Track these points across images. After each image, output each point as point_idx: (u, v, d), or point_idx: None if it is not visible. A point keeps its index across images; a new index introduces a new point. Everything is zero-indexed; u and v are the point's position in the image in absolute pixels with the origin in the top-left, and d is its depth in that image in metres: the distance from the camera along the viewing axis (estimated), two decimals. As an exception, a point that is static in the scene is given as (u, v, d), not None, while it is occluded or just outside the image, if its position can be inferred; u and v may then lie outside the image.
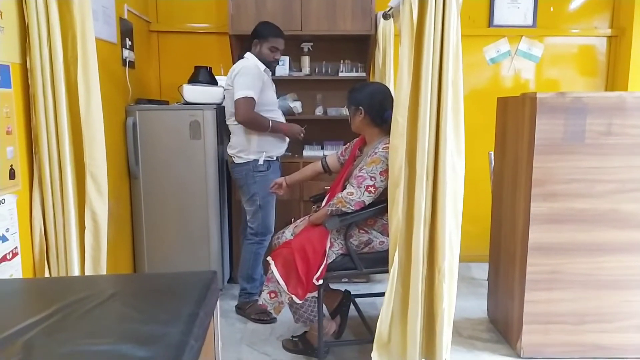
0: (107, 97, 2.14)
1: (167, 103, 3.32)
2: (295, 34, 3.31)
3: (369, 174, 2.21)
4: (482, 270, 3.49)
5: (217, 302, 1.50)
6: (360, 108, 2.35)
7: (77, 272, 2.06)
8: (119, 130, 2.92)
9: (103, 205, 2.09)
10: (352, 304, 2.65)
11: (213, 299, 1.44)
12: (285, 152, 3.00)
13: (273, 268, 2.20)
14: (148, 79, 3.53)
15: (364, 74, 3.53)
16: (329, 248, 2.24)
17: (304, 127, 2.98)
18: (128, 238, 3.09)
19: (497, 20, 3.71)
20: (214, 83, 3.18)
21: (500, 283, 2.71)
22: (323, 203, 2.49)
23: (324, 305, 2.48)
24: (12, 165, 1.91)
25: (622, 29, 3.71)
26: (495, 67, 3.79)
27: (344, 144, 2.71)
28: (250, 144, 2.80)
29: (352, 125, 2.44)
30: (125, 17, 3.05)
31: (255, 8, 3.23)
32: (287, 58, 3.51)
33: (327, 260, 2.21)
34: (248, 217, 2.92)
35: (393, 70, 3.01)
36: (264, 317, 2.86)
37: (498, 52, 3.76)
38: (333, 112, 3.59)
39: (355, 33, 3.33)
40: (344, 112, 2.51)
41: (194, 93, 3.06)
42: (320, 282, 2.18)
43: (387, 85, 2.72)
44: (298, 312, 2.32)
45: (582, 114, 2.28)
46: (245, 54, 2.87)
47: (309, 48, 3.59)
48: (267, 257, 2.29)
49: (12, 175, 1.91)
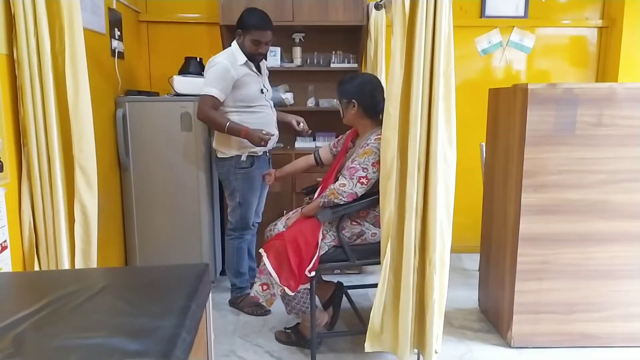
0: (96, 88, 2.12)
1: (157, 94, 3.29)
2: (287, 25, 3.28)
3: (361, 165, 2.21)
4: (473, 261, 3.52)
5: (209, 294, 1.50)
6: (354, 101, 2.33)
7: (67, 265, 2.05)
8: (109, 122, 2.89)
9: (92, 198, 2.07)
10: (344, 296, 2.65)
11: (205, 292, 1.44)
12: (277, 144, 2.97)
13: (265, 260, 2.20)
14: (138, 70, 3.49)
15: (356, 65, 3.52)
16: (322, 240, 2.24)
17: (268, 135, 2.62)
18: (119, 231, 3.07)
19: (488, 11, 3.70)
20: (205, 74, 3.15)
21: (491, 273, 2.73)
22: (315, 195, 2.49)
23: (317, 297, 2.49)
24: (-1, 158, 1.89)
25: (612, 20, 3.72)
26: (487, 58, 3.80)
27: (336, 136, 2.71)
28: (232, 140, 2.71)
29: (344, 119, 2.43)
30: (114, 7, 3.01)
31: (246, -2, 3.20)
32: (278, 49, 3.48)
33: (319, 252, 2.21)
34: (228, 210, 2.90)
35: (385, 61, 3.00)
36: (258, 310, 2.86)
37: (490, 43, 3.76)
38: (325, 103, 3.58)
39: (347, 24, 3.31)
40: (336, 103, 2.49)
41: (185, 84, 3.04)
42: (313, 273, 2.19)
43: (375, 75, 2.71)
44: (290, 303, 2.33)
45: (573, 105, 2.29)
46: (232, 43, 2.75)
47: (301, 39, 3.56)
48: (259, 249, 2.30)
49: (0, 168, 1.89)
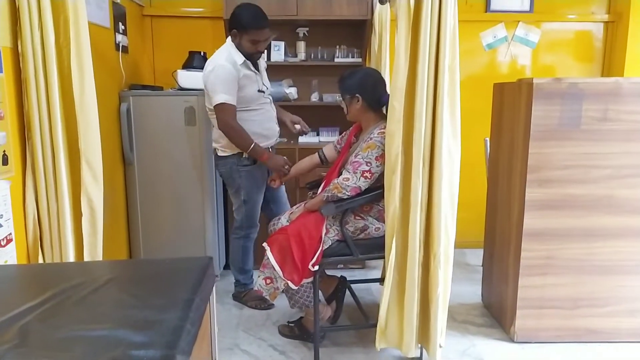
0: (100, 82, 2.11)
1: (161, 89, 3.29)
2: (291, 19, 3.27)
3: (365, 159, 2.20)
4: (476, 256, 3.51)
5: (213, 287, 1.50)
6: (357, 95, 2.32)
7: (72, 258, 2.06)
8: (113, 116, 2.90)
9: (99, 192, 2.07)
10: (347, 290, 2.66)
11: (209, 285, 1.44)
12: (280, 138, 2.97)
13: (269, 254, 2.21)
14: (142, 64, 3.49)
15: (360, 60, 3.51)
16: (325, 234, 2.24)
17: (287, 165, 2.64)
18: (123, 225, 3.08)
19: (494, 5, 3.68)
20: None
21: (495, 268, 2.73)
22: (319, 190, 2.49)
23: (320, 291, 2.49)
24: (4, 151, 1.89)
25: (619, 15, 3.69)
26: (492, 52, 3.77)
27: (340, 131, 2.71)
28: None
29: (348, 115, 2.42)
30: (118, 1, 3.01)
31: (250, -8, 3.19)
32: (282, 43, 3.47)
33: (323, 247, 2.21)
34: (234, 208, 2.88)
35: (389, 56, 2.98)
36: (261, 304, 2.87)
37: (495, 37, 3.74)
38: (329, 98, 3.57)
39: (352, 18, 3.30)
40: (338, 100, 2.48)
41: (189, 79, 3.03)
42: (316, 268, 2.19)
43: (374, 68, 2.70)
44: (294, 297, 2.33)
45: (578, 100, 2.28)
46: (227, 41, 2.63)
47: (305, 33, 3.55)
48: (263, 243, 2.30)
49: (4, 161, 1.89)
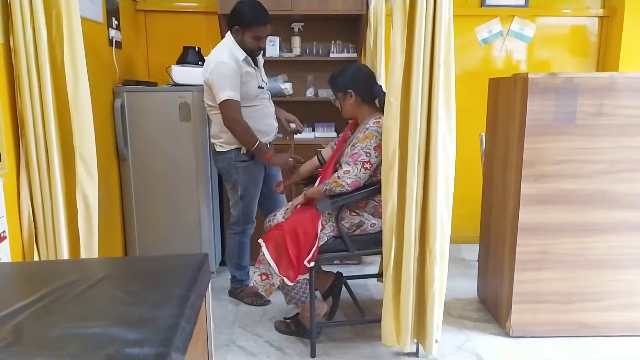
0: (93, 78, 2.10)
1: (155, 84, 3.26)
2: (286, 14, 3.25)
3: (364, 150, 2.19)
4: (472, 252, 3.53)
5: (208, 284, 1.50)
6: (350, 91, 2.32)
7: (66, 255, 2.04)
8: (107, 112, 2.87)
9: (94, 189, 2.06)
10: (343, 286, 2.66)
11: (205, 281, 1.44)
12: (277, 134, 2.96)
13: (264, 250, 2.20)
14: (135, 60, 3.46)
15: (355, 55, 3.49)
16: (321, 230, 2.24)
17: (293, 159, 2.67)
18: (118, 221, 3.06)
19: (489, 0, 3.67)
20: (203, 64, 3.13)
21: (490, 263, 2.74)
22: (315, 185, 2.48)
23: (316, 287, 2.49)
24: (-3, 148, 1.88)
25: (613, 9, 3.69)
26: (487, 47, 3.77)
27: (335, 126, 2.70)
28: (231, 134, 2.63)
29: (343, 112, 2.42)
30: (111, -5, 2.99)
31: (245, -14, 3.16)
32: (277, 38, 3.45)
33: (318, 243, 2.21)
34: (230, 204, 2.87)
35: (384, 51, 2.98)
36: (257, 300, 2.87)
37: (490, 32, 3.73)
38: (324, 93, 3.56)
39: (347, 13, 3.28)
40: (332, 99, 2.47)
41: (183, 74, 3.02)
42: (312, 264, 2.19)
43: (363, 63, 2.69)
44: (290, 293, 2.33)
45: (573, 95, 2.28)
46: (226, 37, 2.64)
47: (300, 28, 3.53)
48: (258, 239, 2.29)
49: (-3, 158, 1.88)
